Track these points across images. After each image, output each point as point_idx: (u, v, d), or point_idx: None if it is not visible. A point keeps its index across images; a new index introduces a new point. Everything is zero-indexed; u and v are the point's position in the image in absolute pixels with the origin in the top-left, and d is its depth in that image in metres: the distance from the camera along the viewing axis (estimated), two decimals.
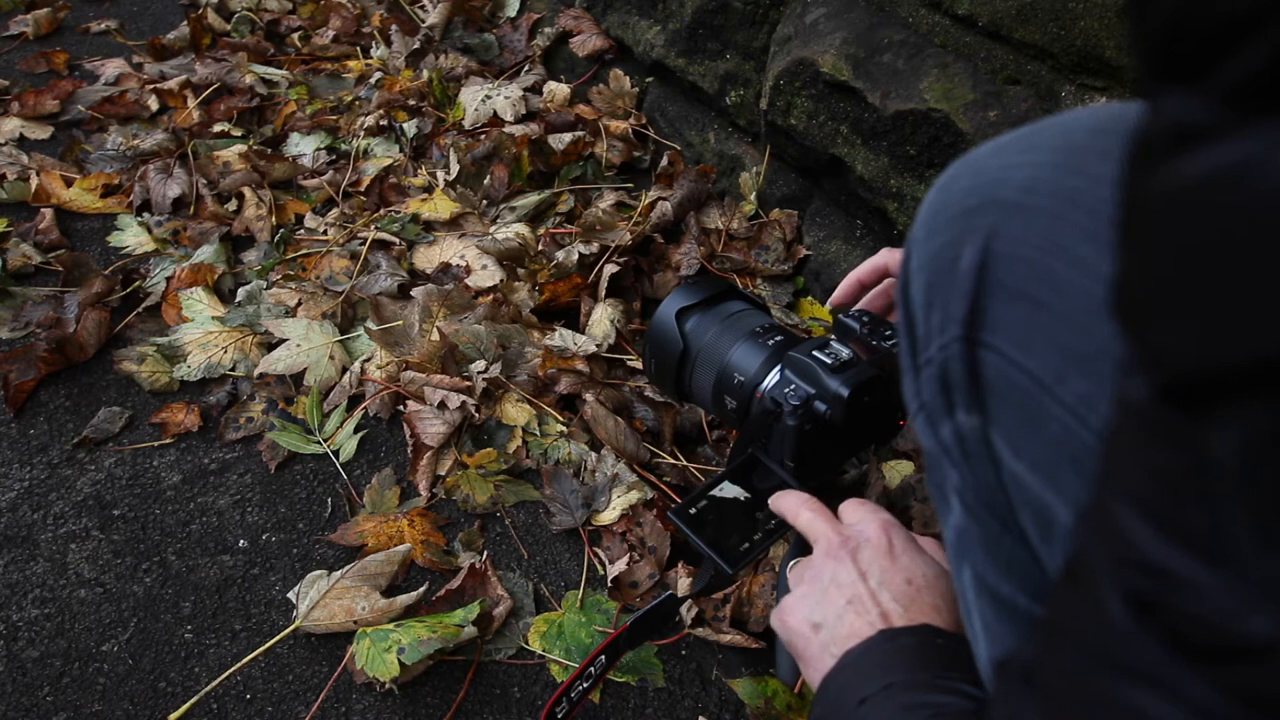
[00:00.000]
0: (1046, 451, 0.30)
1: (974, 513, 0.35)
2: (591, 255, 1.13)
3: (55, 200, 1.30)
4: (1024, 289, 0.31)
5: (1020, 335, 0.31)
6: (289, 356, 1.05)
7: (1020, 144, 0.34)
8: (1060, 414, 0.30)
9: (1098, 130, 0.33)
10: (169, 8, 1.86)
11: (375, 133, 1.43)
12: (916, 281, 0.37)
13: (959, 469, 0.35)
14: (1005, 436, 0.32)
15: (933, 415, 0.36)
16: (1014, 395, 0.32)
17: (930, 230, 0.36)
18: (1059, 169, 0.32)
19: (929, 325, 0.36)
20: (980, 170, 0.35)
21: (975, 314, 0.33)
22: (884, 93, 0.94)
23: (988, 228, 0.33)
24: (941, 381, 0.35)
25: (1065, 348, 0.30)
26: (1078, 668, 0.25)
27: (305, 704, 0.77)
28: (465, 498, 0.93)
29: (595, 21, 1.51)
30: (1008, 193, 0.33)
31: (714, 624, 0.82)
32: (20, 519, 0.92)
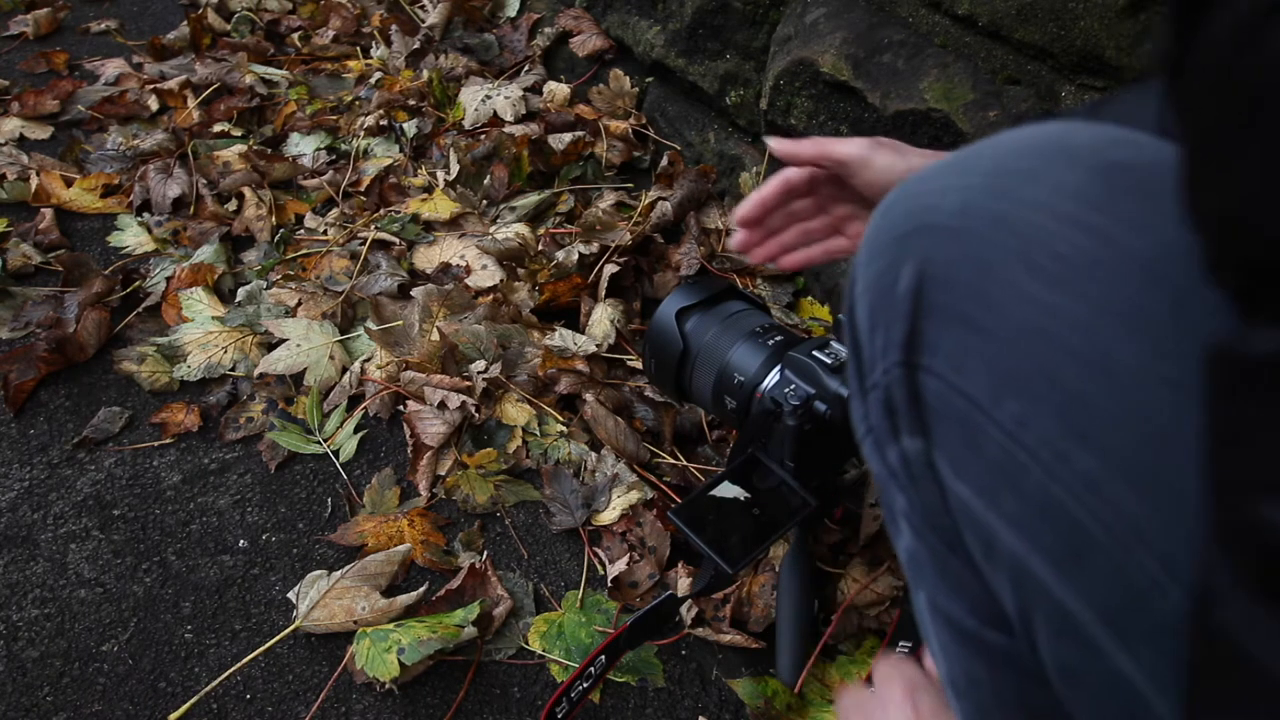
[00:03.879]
0: (986, 472, 0.31)
1: (922, 536, 0.36)
2: (591, 255, 1.13)
3: (55, 200, 1.30)
4: (958, 312, 0.32)
5: (956, 358, 0.32)
6: (289, 356, 1.05)
7: (955, 168, 0.35)
8: (997, 435, 0.30)
9: (1026, 153, 0.33)
10: (169, 8, 1.86)
11: (375, 133, 1.43)
12: (860, 305, 0.37)
13: (906, 492, 0.36)
14: (947, 459, 0.32)
15: (879, 439, 0.36)
16: (953, 417, 0.32)
17: (871, 254, 0.37)
18: (990, 193, 0.32)
19: (873, 349, 0.36)
20: (917, 195, 0.35)
21: (913, 338, 0.33)
22: (884, 93, 0.94)
23: (923, 252, 0.33)
24: (886, 406, 0.35)
25: (999, 369, 0.30)
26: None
27: (305, 704, 0.77)
28: (465, 498, 0.93)
29: (595, 21, 1.51)
30: (941, 218, 0.33)
31: (714, 624, 0.82)
32: (20, 519, 0.92)
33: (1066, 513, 0.28)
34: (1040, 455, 0.29)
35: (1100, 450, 0.28)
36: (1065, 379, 0.29)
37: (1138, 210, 0.30)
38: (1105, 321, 0.28)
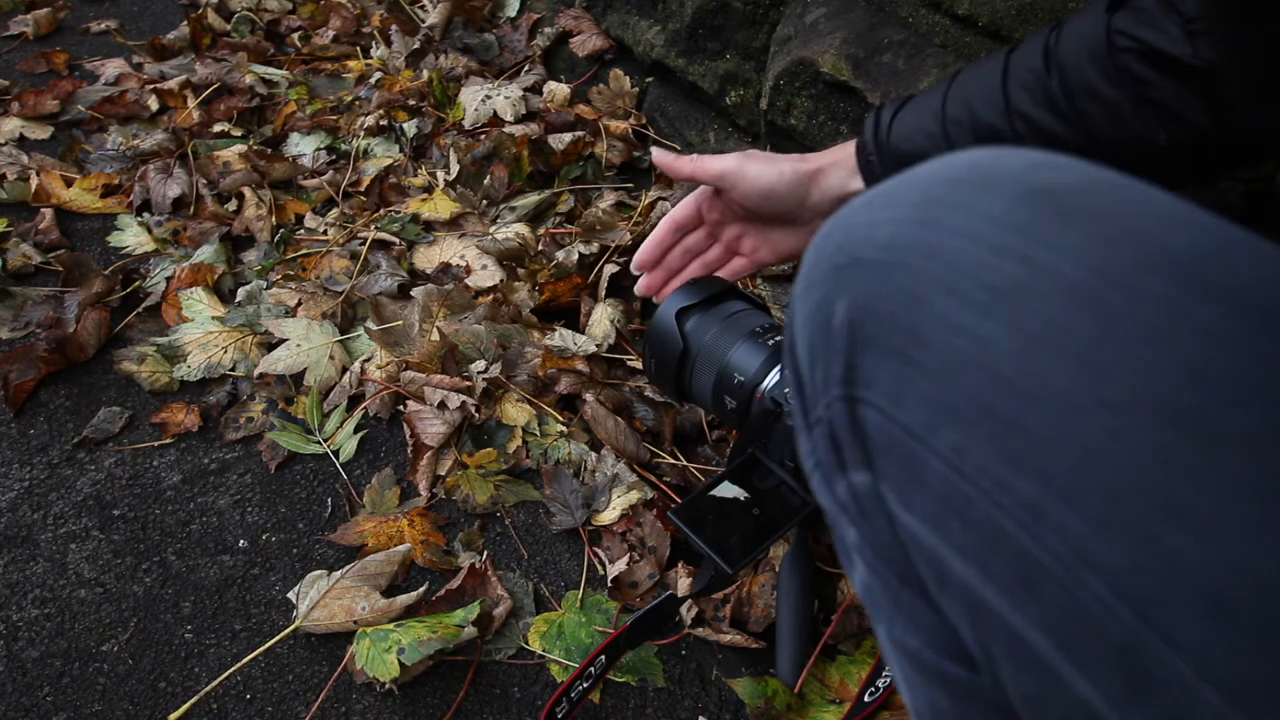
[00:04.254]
0: (932, 503, 0.31)
1: (875, 569, 0.35)
2: (591, 255, 1.13)
3: (55, 200, 1.30)
4: (891, 346, 0.32)
5: (893, 391, 0.32)
6: (289, 356, 1.05)
7: (886, 199, 0.35)
8: (939, 466, 0.30)
9: (952, 181, 0.33)
10: (169, 8, 1.86)
11: (375, 133, 1.43)
12: (800, 339, 0.37)
13: (857, 526, 0.36)
14: (894, 491, 0.33)
15: (827, 474, 0.36)
16: (896, 450, 0.32)
17: (806, 287, 0.37)
18: (917, 223, 0.33)
19: (814, 384, 0.36)
20: (849, 227, 0.35)
21: (850, 371, 0.34)
22: (884, 93, 0.94)
23: (854, 286, 0.34)
24: (831, 440, 0.35)
25: (934, 400, 0.30)
26: None
27: (305, 704, 0.77)
28: (465, 498, 0.93)
29: (595, 21, 1.51)
30: (870, 251, 0.33)
31: (714, 624, 0.82)
32: (20, 519, 0.92)
33: (1012, 540, 0.28)
34: (981, 484, 0.29)
35: (1038, 475, 0.28)
36: (998, 407, 0.29)
37: (1062, 233, 0.30)
38: (1034, 347, 0.29)
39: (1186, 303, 0.27)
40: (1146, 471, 0.26)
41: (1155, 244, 0.29)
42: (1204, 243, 0.29)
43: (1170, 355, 0.27)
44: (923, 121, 0.62)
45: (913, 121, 0.63)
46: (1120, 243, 0.29)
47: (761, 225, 0.76)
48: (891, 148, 0.64)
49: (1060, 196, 0.31)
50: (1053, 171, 0.32)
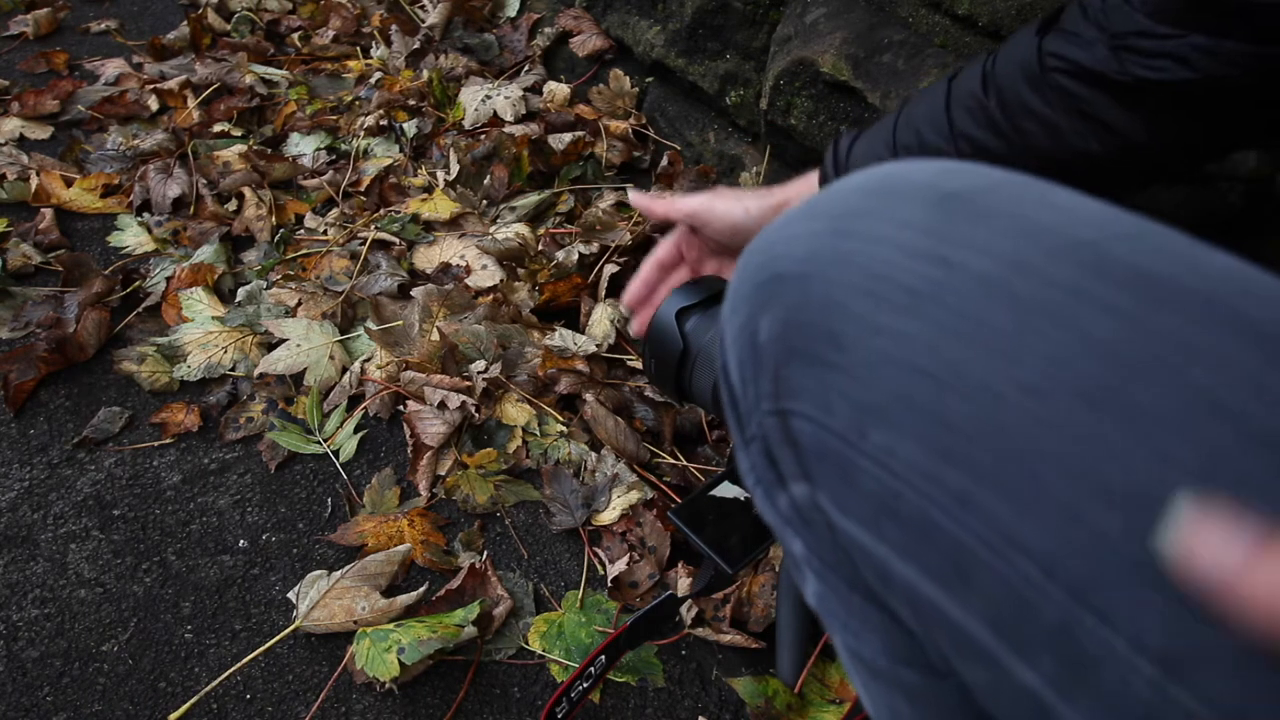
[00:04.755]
0: (867, 505, 0.31)
1: (824, 579, 0.36)
2: (591, 255, 1.13)
3: (55, 200, 1.30)
4: (814, 354, 0.33)
5: (820, 398, 0.32)
6: (289, 356, 1.05)
7: (803, 215, 0.36)
8: (869, 466, 0.31)
9: (867, 192, 0.35)
10: (169, 8, 1.86)
11: (375, 133, 1.43)
12: (731, 359, 0.38)
13: (802, 537, 0.36)
14: (831, 497, 0.33)
15: (768, 489, 0.37)
16: (828, 456, 0.32)
17: (734, 307, 0.38)
18: (834, 234, 0.34)
19: (748, 401, 0.37)
20: (770, 244, 0.36)
21: (779, 384, 0.34)
22: (884, 93, 0.94)
23: (776, 301, 0.35)
24: (767, 455, 0.36)
25: (859, 402, 0.31)
26: None
27: (305, 704, 0.77)
28: (465, 498, 0.93)
29: (595, 21, 1.51)
30: (790, 265, 0.34)
31: (714, 624, 0.82)
32: (20, 519, 0.92)
33: (944, 532, 0.29)
34: (911, 480, 0.29)
35: (965, 465, 0.28)
36: (921, 401, 0.29)
37: (973, 233, 0.31)
38: (952, 340, 0.29)
39: (1093, 286, 0.28)
40: (1067, 451, 0.26)
41: (1062, 235, 0.30)
42: (1108, 231, 0.30)
43: (1081, 337, 0.27)
44: (876, 150, 0.65)
45: (868, 150, 0.66)
46: (1028, 237, 0.30)
47: (737, 258, 0.78)
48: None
49: (969, 198, 0.32)
50: (961, 177, 0.34)
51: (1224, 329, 0.27)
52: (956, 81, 0.62)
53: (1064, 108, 0.55)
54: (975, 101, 0.59)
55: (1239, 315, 0.27)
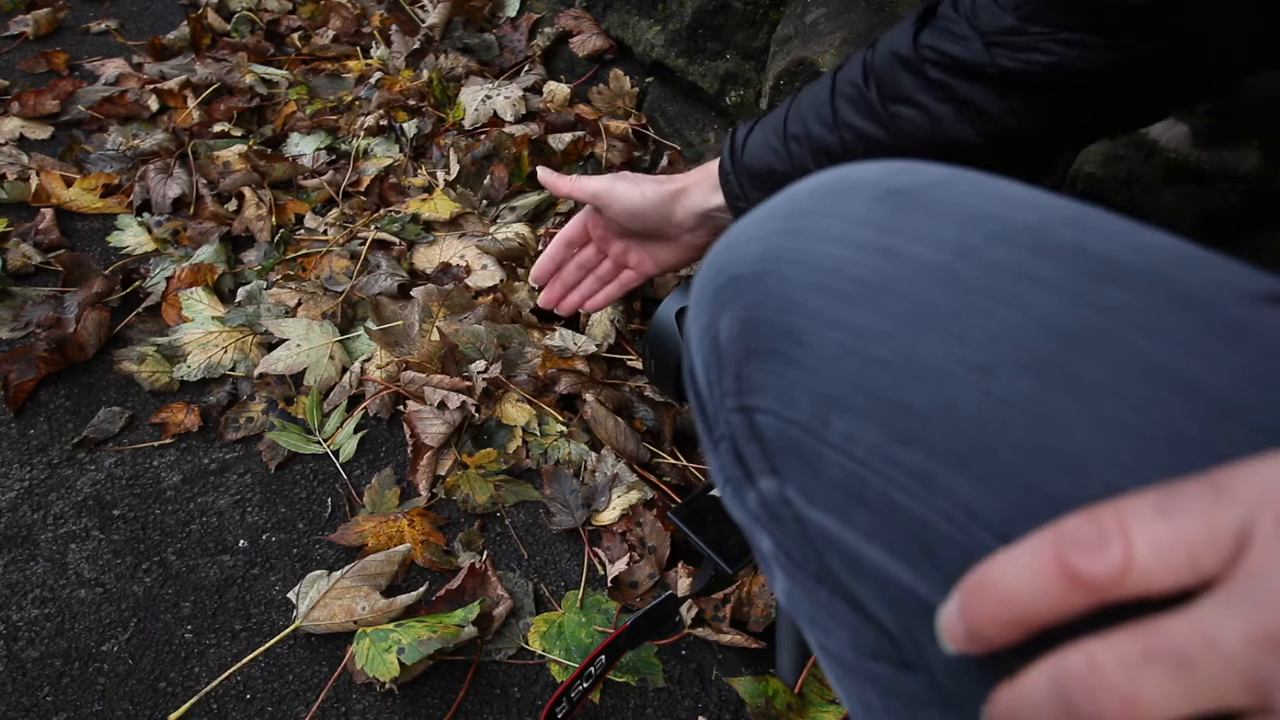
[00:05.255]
0: (834, 493, 0.32)
1: (792, 574, 0.36)
2: None
3: (55, 200, 1.30)
4: (773, 349, 0.34)
5: (781, 392, 0.33)
6: (289, 356, 1.05)
7: (758, 217, 0.37)
8: (833, 455, 0.32)
9: (817, 193, 0.36)
10: (169, 8, 1.86)
11: (375, 133, 1.43)
12: (697, 362, 0.39)
13: (770, 533, 0.37)
14: (798, 490, 0.34)
15: (737, 488, 0.38)
16: (793, 449, 0.33)
17: (695, 312, 0.39)
18: (787, 234, 0.35)
19: (714, 402, 0.38)
20: (727, 248, 0.38)
21: (742, 383, 0.35)
22: None
23: (734, 301, 0.36)
24: (735, 454, 0.37)
25: (820, 393, 0.32)
26: None
27: (305, 704, 0.77)
28: (465, 498, 0.93)
29: (595, 21, 1.51)
30: (745, 266, 0.36)
31: (714, 624, 0.82)
32: (20, 519, 0.92)
33: (909, 512, 0.29)
34: (873, 464, 0.30)
35: (923, 445, 0.29)
36: (877, 387, 0.30)
37: (918, 224, 0.32)
38: (904, 327, 0.30)
39: (1033, 264, 0.30)
40: (1017, 423, 0.27)
41: (1002, 221, 0.31)
42: (1046, 214, 0.31)
43: (1025, 314, 0.29)
44: (769, 139, 0.67)
45: (761, 140, 0.68)
46: (971, 224, 0.31)
47: (640, 240, 0.82)
48: (745, 165, 0.69)
49: (915, 193, 0.34)
50: (907, 174, 0.35)
51: (1161, 298, 0.28)
52: (841, 73, 0.64)
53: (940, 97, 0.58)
54: (856, 91, 0.62)
55: (1174, 284, 0.28)
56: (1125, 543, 0.21)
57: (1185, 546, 0.21)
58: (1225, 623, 0.20)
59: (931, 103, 0.59)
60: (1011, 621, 0.23)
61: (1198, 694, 0.20)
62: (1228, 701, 0.20)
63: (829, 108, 0.63)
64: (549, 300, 0.87)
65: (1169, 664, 0.20)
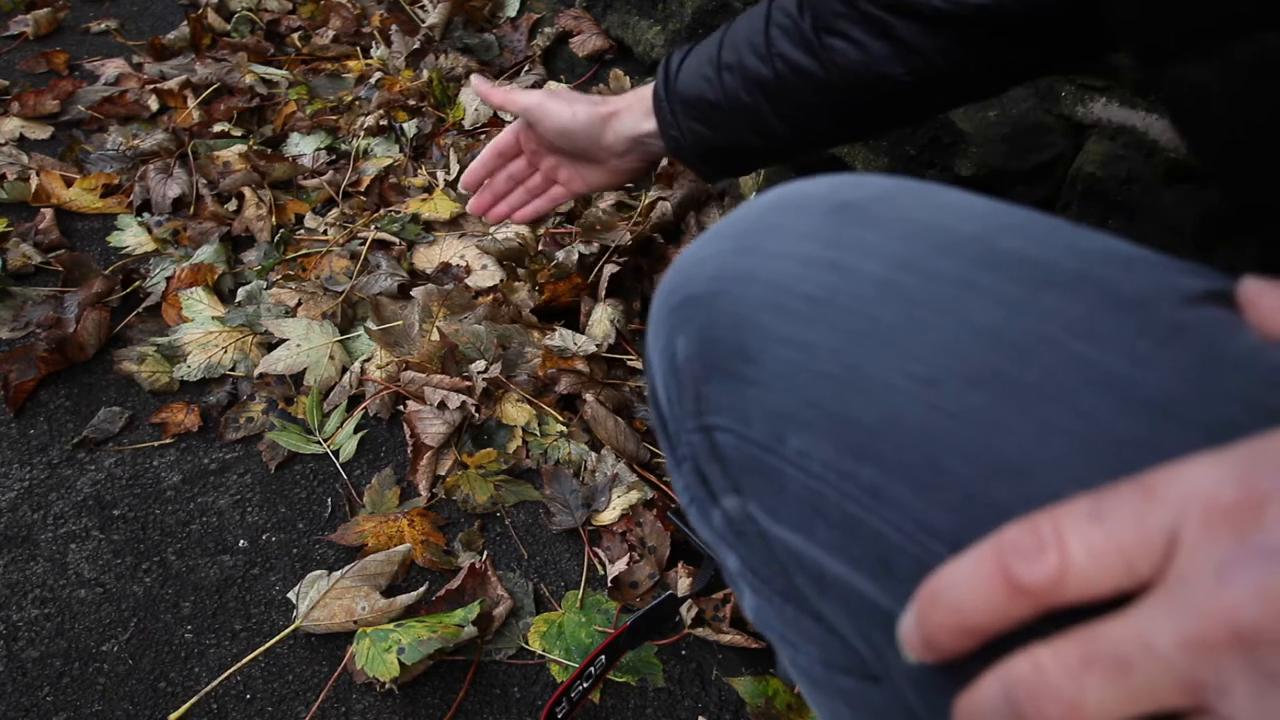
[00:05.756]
0: (795, 508, 0.32)
1: (759, 591, 0.37)
2: (591, 255, 1.13)
3: (55, 200, 1.30)
4: (728, 368, 0.34)
5: (738, 411, 0.34)
6: (289, 356, 1.05)
7: (712, 236, 0.38)
8: (792, 471, 0.32)
9: (768, 210, 0.36)
10: (169, 8, 1.86)
11: (375, 133, 1.43)
12: (658, 382, 0.39)
13: (736, 550, 0.37)
14: (761, 507, 0.34)
15: (702, 506, 0.38)
16: (754, 466, 0.33)
17: (654, 333, 0.39)
18: (739, 253, 0.35)
19: (675, 422, 0.38)
20: (681, 269, 0.38)
21: (701, 402, 0.35)
22: None
23: (690, 321, 0.36)
24: (698, 473, 0.37)
25: (774, 410, 0.32)
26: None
27: (305, 704, 0.77)
28: (465, 498, 0.93)
29: (595, 21, 1.51)
30: (699, 286, 0.36)
31: (714, 624, 0.82)
32: (20, 519, 0.92)
33: (866, 526, 0.29)
34: (829, 479, 0.30)
35: (873, 459, 0.29)
36: (827, 403, 0.31)
37: (864, 238, 0.33)
38: (851, 342, 0.31)
39: (975, 275, 0.30)
40: (961, 434, 0.28)
41: (946, 232, 0.32)
42: (991, 223, 0.32)
43: (968, 325, 0.29)
44: (702, 68, 0.67)
45: (694, 68, 0.67)
46: (916, 237, 0.32)
47: (570, 158, 0.81)
48: (678, 92, 0.69)
49: (861, 206, 0.34)
50: (854, 188, 0.35)
51: (1100, 303, 0.28)
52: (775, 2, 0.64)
53: (874, 32, 0.58)
54: (790, 21, 0.61)
55: (1113, 289, 0.28)
56: (1061, 549, 0.22)
57: (1119, 550, 0.21)
58: (1158, 626, 0.20)
59: (865, 38, 0.58)
60: (962, 630, 0.23)
61: (1137, 696, 0.20)
62: (1166, 703, 0.20)
63: (763, 37, 0.63)
64: (478, 207, 0.86)
65: (1108, 668, 0.21)
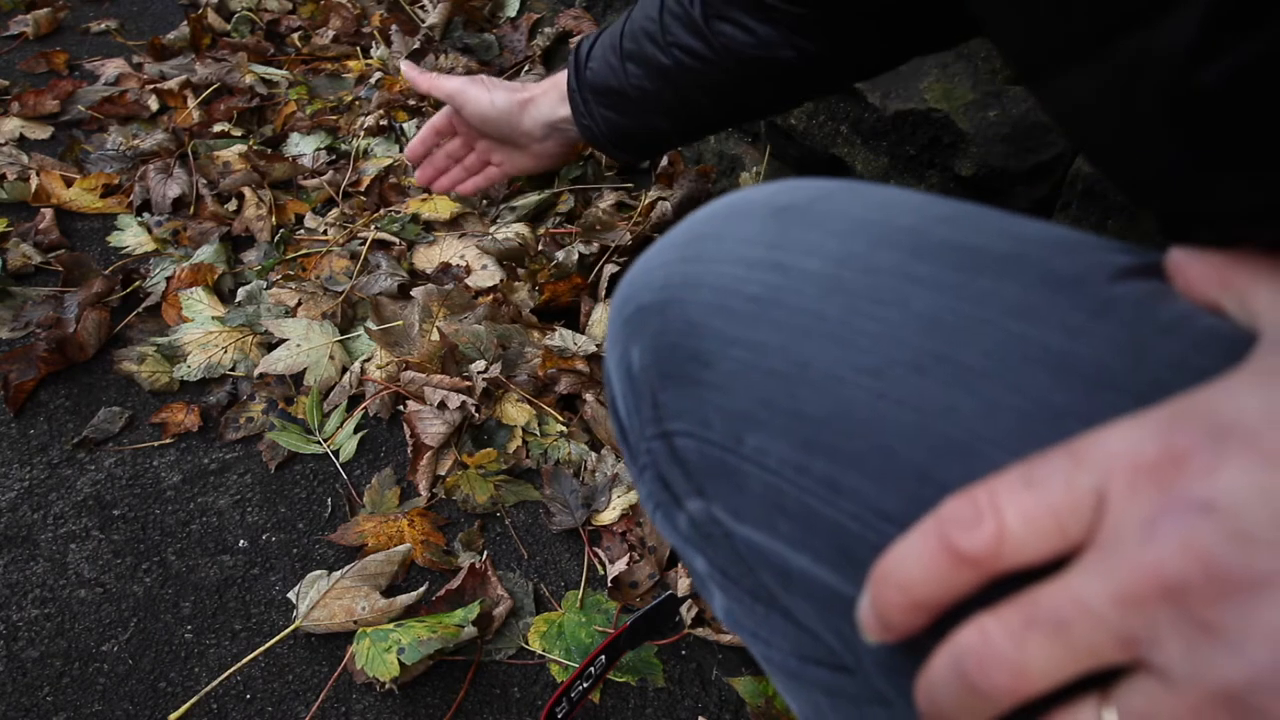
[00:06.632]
0: (757, 506, 0.33)
1: (728, 591, 0.37)
2: (591, 255, 1.13)
3: (55, 200, 1.30)
4: (683, 373, 0.35)
5: (696, 414, 0.34)
6: (289, 356, 1.05)
7: (657, 249, 0.39)
8: (751, 469, 0.32)
9: (711, 218, 0.37)
10: (169, 8, 1.86)
11: (375, 133, 1.43)
12: (617, 393, 0.40)
13: (704, 553, 0.37)
14: (724, 507, 0.34)
15: (667, 512, 0.38)
16: (714, 468, 0.34)
17: (611, 344, 0.40)
18: (684, 260, 0.36)
19: (634, 432, 0.39)
20: (630, 281, 0.39)
21: (659, 409, 0.36)
22: (884, 93, 0.94)
23: (642, 330, 0.37)
24: (660, 480, 0.37)
25: (730, 411, 0.33)
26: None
27: (305, 704, 0.77)
28: (465, 498, 0.93)
29: (595, 21, 1.51)
30: (649, 295, 0.37)
31: (714, 624, 0.82)
32: (20, 519, 0.92)
33: (824, 518, 0.30)
34: (786, 474, 0.31)
35: (826, 451, 0.30)
36: (778, 400, 0.31)
37: (805, 238, 0.33)
38: (796, 338, 0.31)
39: (912, 265, 0.31)
40: (907, 420, 0.28)
41: (883, 226, 0.33)
42: (925, 215, 0.33)
43: (907, 313, 0.30)
44: (607, 56, 0.68)
45: (601, 56, 0.69)
46: (854, 233, 0.33)
47: (497, 141, 0.83)
48: (588, 81, 0.70)
49: (801, 208, 0.35)
50: (794, 191, 0.36)
51: (1033, 283, 0.29)
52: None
53: (761, 18, 0.59)
54: (681, 8, 0.62)
55: (1046, 269, 0.29)
56: (997, 517, 0.22)
57: (1051, 514, 0.22)
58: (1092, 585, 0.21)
59: (753, 23, 0.60)
60: (912, 605, 0.24)
61: (1077, 654, 0.21)
62: (1105, 658, 0.21)
63: (658, 25, 0.64)
64: (423, 179, 0.89)
65: (1048, 629, 0.21)
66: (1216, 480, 0.20)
